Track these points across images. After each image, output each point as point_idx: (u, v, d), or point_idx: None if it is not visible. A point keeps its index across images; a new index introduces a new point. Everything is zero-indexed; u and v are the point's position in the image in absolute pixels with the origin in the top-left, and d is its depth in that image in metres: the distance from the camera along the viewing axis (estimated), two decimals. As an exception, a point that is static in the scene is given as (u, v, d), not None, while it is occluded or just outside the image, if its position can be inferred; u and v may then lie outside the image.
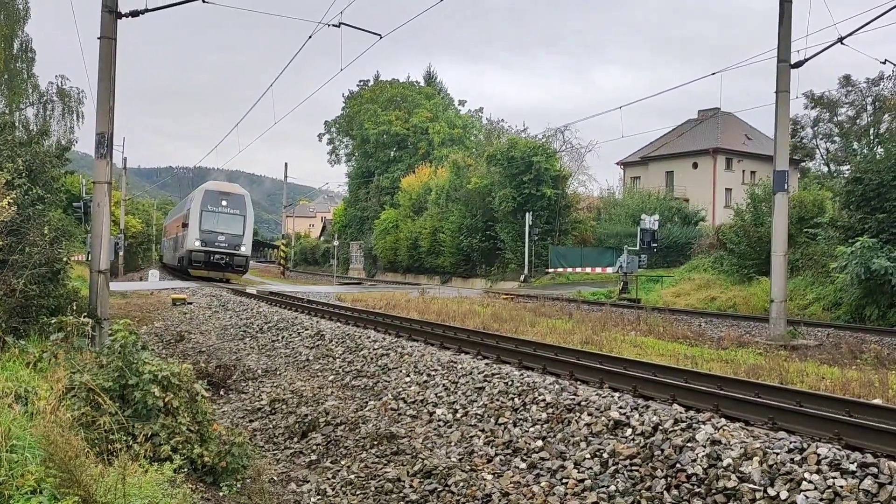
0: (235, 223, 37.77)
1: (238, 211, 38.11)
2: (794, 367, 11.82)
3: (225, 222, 37.46)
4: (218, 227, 37.10)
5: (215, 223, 37.11)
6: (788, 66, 16.71)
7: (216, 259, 36.85)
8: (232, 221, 37.71)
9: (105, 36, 12.53)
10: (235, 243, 37.41)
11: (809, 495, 4.96)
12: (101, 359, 6.36)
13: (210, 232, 36.85)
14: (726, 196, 55.45)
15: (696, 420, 6.40)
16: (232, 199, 38.43)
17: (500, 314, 20.09)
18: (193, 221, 37.07)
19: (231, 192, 39.31)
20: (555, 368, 9.77)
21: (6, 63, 34.20)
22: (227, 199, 38.10)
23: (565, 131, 55.45)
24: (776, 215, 16.88)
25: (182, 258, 39.85)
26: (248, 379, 11.36)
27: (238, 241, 37.52)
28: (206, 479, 5.84)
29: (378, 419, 8.51)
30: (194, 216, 37.22)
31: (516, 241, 44.19)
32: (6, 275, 8.66)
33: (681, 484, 5.69)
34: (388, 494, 6.38)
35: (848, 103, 61.06)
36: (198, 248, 36.70)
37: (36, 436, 4.37)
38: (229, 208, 37.86)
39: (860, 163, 24.17)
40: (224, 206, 37.74)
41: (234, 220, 37.85)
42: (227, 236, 37.08)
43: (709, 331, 18.21)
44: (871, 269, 19.64)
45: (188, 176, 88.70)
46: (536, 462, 6.72)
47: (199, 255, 36.74)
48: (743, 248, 28.99)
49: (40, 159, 13.85)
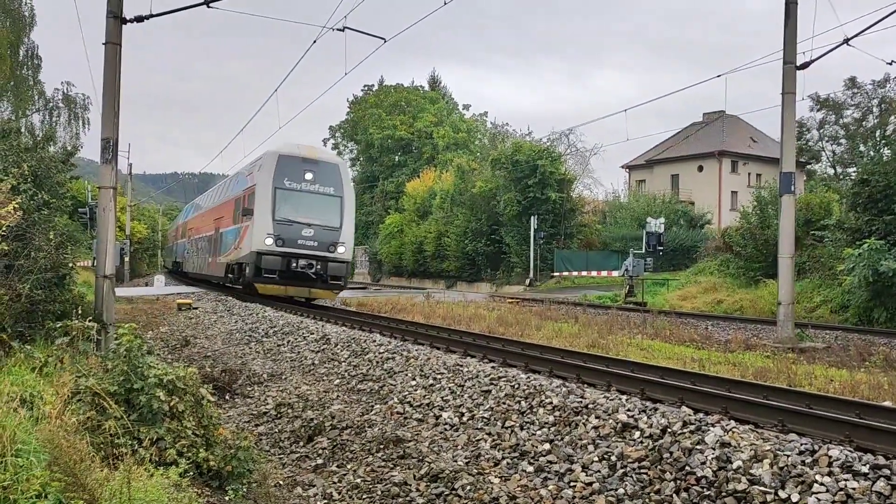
0: (329, 208, 23.62)
1: (332, 189, 23.80)
2: (803, 369, 11.75)
3: (313, 207, 23.38)
4: (302, 216, 23.06)
5: (298, 209, 23.11)
6: (794, 67, 16.66)
7: (301, 267, 22.50)
8: (324, 205, 23.56)
9: (110, 41, 12.55)
10: (330, 240, 23.25)
11: (821, 497, 4.91)
12: (106, 363, 6.34)
13: (290, 223, 22.77)
14: (732, 199, 55.30)
15: (704, 422, 6.35)
16: (322, 170, 23.82)
17: (505, 318, 20.05)
18: (262, 206, 22.90)
19: (319, 158, 24.35)
20: (561, 371, 9.73)
21: (12, 70, 34.38)
22: (314, 171, 23.53)
23: (570, 135, 55.48)
24: (783, 217, 16.81)
25: (235, 267, 25.36)
26: (254, 383, 11.33)
27: (334, 238, 23.32)
28: (212, 484, 5.81)
29: (384, 423, 8.47)
30: (263, 197, 23.00)
31: (521, 245, 44.15)
32: (12, 280, 8.66)
33: (690, 487, 5.64)
34: (394, 498, 6.34)
35: (854, 105, 60.95)
36: (270, 250, 22.48)
37: (41, 440, 4.35)
38: (318, 184, 23.61)
39: (867, 164, 24.09)
40: (310, 182, 23.50)
41: (326, 203, 23.63)
42: (317, 230, 23.06)
43: (716, 334, 18.13)
44: (879, 272, 19.55)
45: (193, 181, 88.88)
46: (544, 465, 6.68)
47: (272, 262, 22.36)
48: (749, 251, 28.90)
49: (46, 164, 13.87)
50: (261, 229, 22.65)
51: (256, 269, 22.50)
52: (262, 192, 22.99)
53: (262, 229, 22.63)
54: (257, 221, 22.81)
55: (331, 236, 23.29)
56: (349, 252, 24.07)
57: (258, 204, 22.97)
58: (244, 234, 23.99)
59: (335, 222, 23.51)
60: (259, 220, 22.77)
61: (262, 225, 22.68)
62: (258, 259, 22.41)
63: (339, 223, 23.52)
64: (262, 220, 22.71)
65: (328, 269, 22.94)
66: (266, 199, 22.91)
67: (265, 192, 22.96)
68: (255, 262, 22.49)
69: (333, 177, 24.03)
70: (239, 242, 24.78)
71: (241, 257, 24.10)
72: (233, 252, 25.71)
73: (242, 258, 23.96)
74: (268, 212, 22.73)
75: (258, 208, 22.91)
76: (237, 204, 25.95)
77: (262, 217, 22.72)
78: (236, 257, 25.01)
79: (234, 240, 25.62)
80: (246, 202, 24.32)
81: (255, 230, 22.73)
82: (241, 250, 24.31)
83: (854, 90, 59.89)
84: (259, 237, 22.57)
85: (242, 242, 24.13)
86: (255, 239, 22.62)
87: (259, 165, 24.07)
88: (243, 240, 24.08)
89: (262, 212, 22.78)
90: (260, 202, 22.95)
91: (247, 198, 24.39)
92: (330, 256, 22.99)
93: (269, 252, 22.37)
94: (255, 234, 22.68)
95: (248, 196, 24.18)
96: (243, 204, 24.67)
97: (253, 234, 22.84)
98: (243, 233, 24.19)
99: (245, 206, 24.10)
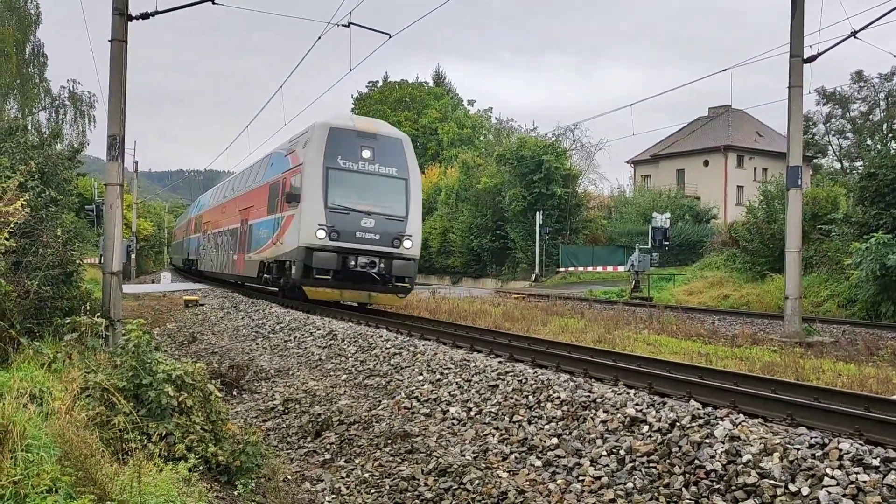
0: (392, 193, 19.67)
1: (394, 169, 19.76)
2: (810, 363, 11.72)
3: (373, 192, 19.41)
4: (361, 203, 19.08)
5: (355, 194, 19.12)
6: (801, 60, 16.58)
7: (360, 265, 18.57)
8: (386, 190, 19.62)
9: (116, 39, 12.57)
10: (395, 233, 19.19)
11: (832, 491, 4.89)
12: (114, 359, 6.36)
13: (346, 212, 18.77)
14: (738, 193, 55.17)
15: (713, 416, 6.33)
16: (382, 146, 19.81)
17: (511, 313, 20.04)
18: (311, 191, 18.89)
19: (378, 132, 20.18)
20: (568, 366, 9.72)
21: (18, 68, 34.49)
22: (372, 147, 19.57)
23: (575, 130, 55.39)
24: (790, 212, 16.75)
25: (274, 266, 21.31)
26: (261, 379, 11.36)
27: (399, 229, 19.29)
28: (221, 478, 5.83)
29: (391, 418, 8.48)
30: (312, 180, 18.95)
31: (527, 240, 44.12)
32: (20, 276, 8.68)
33: (699, 480, 5.63)
34: (402, 493, 6.34)
35: (860, 99, 60.70)
36: (323, 245, 18.44)
37: (51, 435, 4.36)
38: (379, 164, 19.60)
39: (874, 158, 24.00)
40: (368, 161, 19.44)
41: (388, 187, 19.69)
42: (378, 220, 19.07)
43: (722, 328, 18.09)
44: (887, 266, 19.47)
45: (199, 179, 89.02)
46: (552, 460, 6.67)
47: (325, 259, 18.32)
48: (756, 246, 28.83)
49: (52, 161, 13.91)
50: (310, 220, 18.56)
51: (305, 269, 18.49)
52: (311, 174, 18.88)
53: (313, 220, 18.53)
54: (306, 210, 18.69)
55: (395, 227, 19.18)
56: (417, 247, 19.74)
57: (306, 188, 18.84)
58: (286, 226, 19.92)
59: (400, 210, 19.38)
60: (308, 208, 18.68)
61: (312, 214, 18.58)
62: (307, 256, 18.33)
63: (404, 211, 19.42)
64: (311, 209, 18.62)
65: (392, 267, 18.79)
66: (316, 182, 18.74)
67: (314, 173, 18.83)
68: (303, 261, 18.43)
69: (396, 154, 19.83)
70: (279, 236, 20.52)
71: (283, 254, 20.02)
72: (269, 248, 21.63)
73: (285, 255, 19.89)
74: (318, 198, 18.60)
75: (306, 194, 18.81)
76: (273, 190, 21.99)
77: (312, 205, 18.65)
78: (275, 254, 20.91)
79: (272, 233, 21.41)
80: (288, 186, 20.16)
81: (304, 221, 18.65)
82: (281, 245, 20.17)
83: (861, 84, 59.66)
84: (308, 229, 18.52)
85: (285, 236, 19.95)
86: (304, 232, 18.57)
87: (305, 141, 19.87)
88: (286, 233, 19.89)
89: (311, 198, 18.70)
90: (308, 186, 18.81)
91: (289, 181, 20.33)
92: (395, 252, 19.00)
93: (322, 248, 18.33)
94: (304, 225, 18.62)
95: (292, 179, 20.13)
96: (283, 189, 20.55)
97: (300, 225, 18.74)
98: (285, 224, 20.08)
99: (288, 192, 19.84)
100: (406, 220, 19.38)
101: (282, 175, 21.32)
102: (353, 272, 18.56)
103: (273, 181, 22.28)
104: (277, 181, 21.64)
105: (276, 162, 22.99)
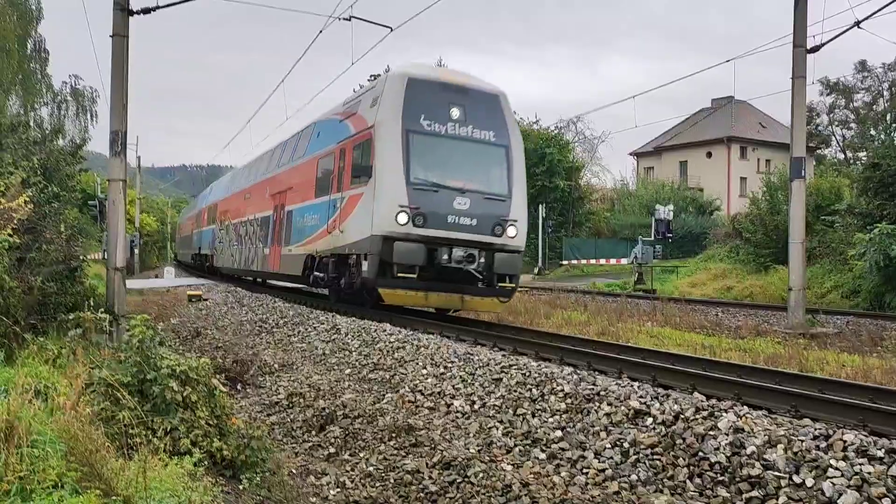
0: (491, 165, 15.43)
1: (492, 133, 15.37)
2: (814, 355, 11.72)
3: (467, 162, 15.14)
4: (452, 177, 14.82)
5: (444, 165, 14.89)
6: (804, 51, 16.52)
7: (455, 259, 14.35)
8: (482, 160, 15.40)
9: (117, 34, 12.57)
10: (496, 217, 14.89)
11: (836, 482, 4.89)
12: (119, 354, 6.37)
13: (434, 189, 14.53)
14: (741, 185, 55.06)
15: (717, 408, 6.33)
16: (475, 103, 15.45)
17: (514, 306, 20.04)
18: (387, 161, 14.56)
19: (468, 85, 15.67)
20: (572, 359, 9.73)
21: (20, 63, 34.43)
22: (463, 104, 15.19)
23: (578, 122, 55.29)
24: (793, 203, 16.71)
25: (331, 263, 16.92)
26: (265, 373, 11.38)
27: (501, 212, 14.98)
28: (226, 473, 5.84)
29: (396, 411, 8.49)
30: (388, 147, 14.60)
31: (529, 233, 44.07)
32: (24, 272, 8.70)
33: (704, 472, 5.64)
34: (407, 486, 6.35)
35: (864, 89, 60.48)
36: (406, 234, 14.21)
37: (56, 431, 4.38)
38: (472, 126, 15.21)
39: (878, 148, 23.99)
40: (459, 122, 15.07)
41: (485, 156, 15.42)
42: (474, 200, 14.76)
43: (726, 320, 18.09)
44: (891, 256, 19.45)
45: (201, 174, 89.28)
46: (556, 452, 6.68)
47: (409, 252, 14.07)
48: (759, 237, 28.81)
49: (55, 157, 13.94)
50: (388, 200, 14.07)
51: (381, 265, 14.09)
52: (387, 139, 14.35)
53: (391, 200, 14.04)
54: (382, 187, 14.18)
55: (497, 210, 14.65)
56: (523, 235, 15.15)
57: (380, 159, 14.33)
58: (350, 210, 15.38)
59: (502, 187, 14.92)
60: (384, 184, 14.18)
61: (391, 193, 14.09)
62: (384, 248, 13.91)
63: (507, 188, 14.92)
64: (389, 186, 14.13)
65: (495, 262, 14.44)
66: (394, 150, 14.25)
67: (391, 137, 14.30)
68: (378, 254, 13.99)
69: (494, 114, 15.28)
70: (338, 223, 15.96)
71: (346, 245, 15.43)
72: (321, 238, 17.10)
73: (349, 247, 15.30)
74: (398, 171, 14.14)
75: (381, 166, 14.30)
76: (324, 166, 17.80)
77: (390, 180, 14.15)
78: (331, 246, 16.31)
79: (324, 219, 16.98)
80: (350, 158, 15.77)
81: (379, 202, 14.16)
82: (342, 235, 15.65)
83: (864, 74, 59.44)
84: (386, 212, 14.02)
85: (348, 222, 15.41)
86: (380, 216, 14.10)
87: (374, 98, 15.31)
88: (349, 218, 15.37)
89: (387, 172, 14.21)
90: (383, 156, 14.32)
91: (349, 152, 15.89)
92: (497, 243, 14.55)
93: (405, 236, 13.90)
94: (379, 207, 14.13)
95: (359, 147, 15.46)
96: (343, 162, 16.14)
97: (374, 207, 14.23)
98: (347, 207, 15.55)
99: (354, 164, 15.36)
100: (510, 201, 14.87)
101: (337, 146, 16.91)
102: (443, 269, 14.18)
103: (323, 154, 18.09)
104: (331, 153, 17.40)
105: (325, 130, 18.71)
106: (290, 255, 19.78)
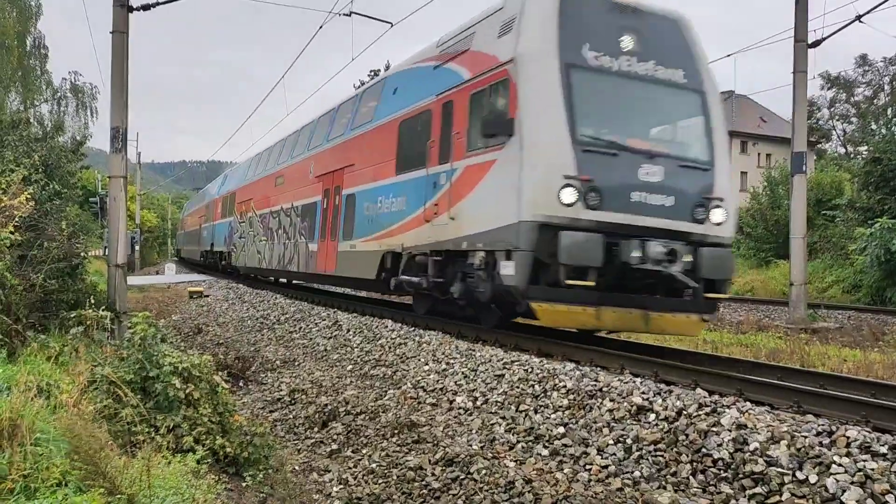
0: (684, 118, 10.46)
1: (681, 72, 10.11)
2: (816, 350, 11.72)
3: (651, 113, 10.26)
4: (633, 133, 9.77)
5: (621, 117, 9.85)
6: (806, 45, 16.50)
7: (652, 257, 9.12)
8: (671, 110, 10.39)
9: (117, 30, 12.55)
10: (697, 192, 9.76)
11: (840, 478, 4.89)
12: (121, 352, 6.37)
13: (612, 151, 9.36)
14: (742, 180, 54.96)
15: (720, 404, 6.33)
16: (653, 28, 10.11)
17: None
18: (538, 111, 9.30)
19: (642, 6, 10.18)
20: (574, 355, 9.71)
21: (20, 60, 34.38)
22: (637, 32, 9.89)
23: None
24: (794, 198, 16.69)
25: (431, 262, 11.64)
26: (267, 370, 11.38)
27: (703, 184, 9.82)
28: (229, 470, 5.85)
29: (398, 408, 8.49)
30: (538, 90, 9.36)
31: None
32: (25, 270, 8.70)
33: (707, 469, 5.63)
34: (410, 482, 6.36)
35: (865, 83, 60.36)
36: (574, 219, 8.98)
37: (60, 429, 4.38)
38: (653, 60, 9.90)
39: (878, 143, 23.92)
40: (633, 55, 9.79)
41: (675, 104, 10.27)
42: (667, 167, 9.56)
43: (727, 315, 18.08)
44: (892, 251, 19.44)
45: (202, 170, 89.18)
46: (559, 449, 6.68)
47: (584, 247, 8.78)
48: (760, 232, 28.81)
49: (56, 154, 13.92)
50: (545, 167, 9.31)
51: (535, 266, 9.32)
52: (538, 77, 9.58)
53: (549, 166, 9.28)
54: (534, 148, 9.41)
55: (697, 184, 9.94)
56: (732, 222, 10.29)
57: (528, 107, 9.54)
58: (469, 187, 10.63)
59: (702, 151, 10.20)
60: (538, 144, 9.42)
61: (547, 156, 9.35)
62: (540, 241, 9.17)
63: (708, 154, 10.17)
64: (544, 145, 9.40)
65: (701, 262, 9.63)
66: (550, 92, 9.44)
67: (545, 75, 9.52)
68: (532, 250, 9.21)
69: (678, 45, 10.42)
70: (443, 206, 11.28)
71: (465, 238, 10.65)
72: (412, 230, 12.44)
73: (473, 239, 10.44)
74: (559, 122, 9.32)
75: (531, 117, 9.50)
76: (409, 129, 13.11)
77: (546, 137, 9.41)
78: (433, 239, 11.61)
79: (417, 202, 12.27)
80: (471, 110, 10.90)
81: (531, 169, 9.35)
82: (456, 223, 10.87)
83: (865, 68, 59.33)
84: (542, 186, 9.26)
85: (465, 204, 10.68)
86: (532, 191, 9.31)
87: (509, 20, 10.35)
88: (469, 198, 10.60)
89: (542, 124, 9.47)
90: (534, 102, 9.56)
91: (467, 103, 11.01)
92: (697, 233, 9.82)
93: (572, 223, 9.15)
94: (531, 178, 9.33)
95: (481, 96, 10.70)
96: (458, 118, 11.18)
97: (525, 177, 9.36)
98: (460, 184, 10.85)
99: (486, 118, 10.20)
100: (712, 170, 10.09)
101: (436, 99, 11.95)
102: (630, 272, 9.45)
103: (409, 114, 13.11)
104: (423, 111, 12.45)
105: (409, 83, 13.69)
106: (353, 252, 15.11)
